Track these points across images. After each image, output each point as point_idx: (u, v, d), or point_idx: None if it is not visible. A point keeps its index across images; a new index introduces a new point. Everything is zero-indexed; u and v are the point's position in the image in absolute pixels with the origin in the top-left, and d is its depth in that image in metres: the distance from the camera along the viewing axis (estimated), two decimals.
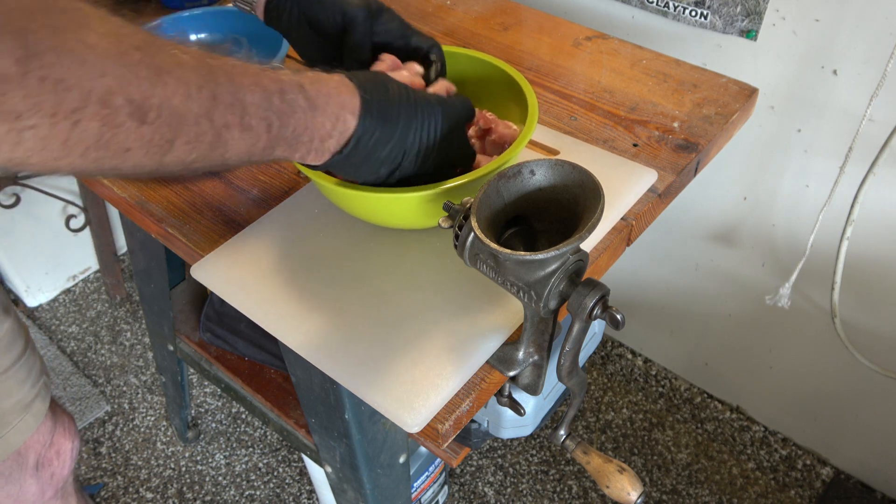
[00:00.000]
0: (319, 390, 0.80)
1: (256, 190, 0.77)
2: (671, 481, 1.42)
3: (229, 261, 0.68)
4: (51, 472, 0.93)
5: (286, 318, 0.62)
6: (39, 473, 0.92)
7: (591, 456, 0.66)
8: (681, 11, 1.03)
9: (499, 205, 0.54)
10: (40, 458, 0.91)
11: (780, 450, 1.39)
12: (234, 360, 1.11)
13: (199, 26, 0.91)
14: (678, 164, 0.77)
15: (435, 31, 0.99)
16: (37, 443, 0.90)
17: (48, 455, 0.92)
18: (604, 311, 0.50)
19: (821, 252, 1.08)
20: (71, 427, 0.96)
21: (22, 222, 1.62)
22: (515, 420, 0.78)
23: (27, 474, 0.90)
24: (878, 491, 1.32)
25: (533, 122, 0.64)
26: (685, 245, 1.29)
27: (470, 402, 0.57)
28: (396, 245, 0.68)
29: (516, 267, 0.52)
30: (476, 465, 1.45)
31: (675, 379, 1.50)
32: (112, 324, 1.72)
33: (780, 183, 1.10)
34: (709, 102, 0.84)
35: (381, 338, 0.60)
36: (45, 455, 0.92)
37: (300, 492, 1.41)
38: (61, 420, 0.95)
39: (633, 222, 0.71)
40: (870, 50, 0.90)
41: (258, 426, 1.52)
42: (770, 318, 1.25)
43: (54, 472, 0.93)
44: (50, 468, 0.93)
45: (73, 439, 0.95)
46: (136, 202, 0.76)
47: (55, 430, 0.93)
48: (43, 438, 0.91)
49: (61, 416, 0.95)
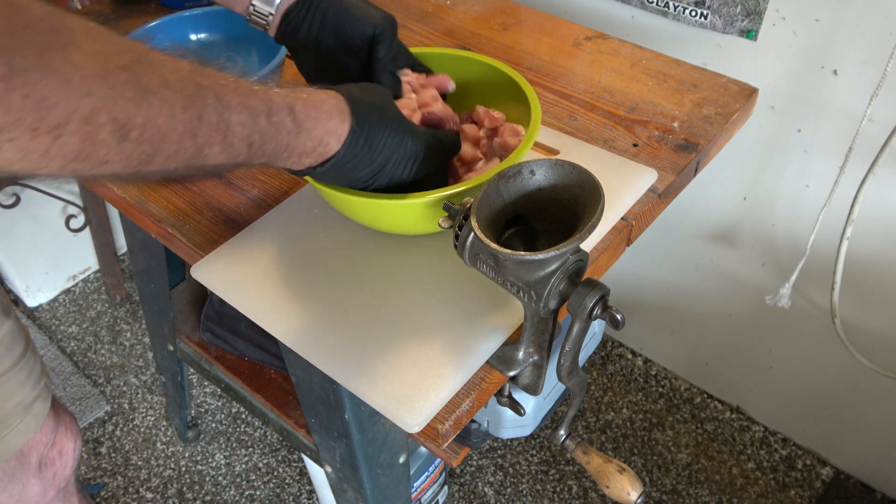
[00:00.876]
0: (319, 390, 0.80)
1: (256, 190, 0.77)
2: (671, 481, 1.42)
3: (229, 261, 0.68)
4: (53, 472, 0.93)
5: (286, 317, 0.62)
6: (42, 473, 0.92)
7: (591, 456, 0.66)
8: (681, 11, 1.03)
9: (499, 205, 0.54)
10: (43, 458, 0.91)
11: (780, 450, 1.39)
12: (234, 360, 1.11)
13: (199, 26, 0.91)
14: (678, 164, 0.77)
15: (435, 31, 0.99)
16: (39, 443, 0.90)
17: (50, 455, 0.92)
18: (604, 311, 0.50)
19: (821, 252, 1.08)
20: (73, 427, 0.96)
21: (22, 222, 1.62)
22: (515, 420, 0.78)
23: (30, 474, 0.90)
24: (878, 491, 1.32)
25: (535, 128, 0.64)
26: (685, 245, 1.29)
27: (470, 402, 0.57)
28: (396, 245, 0.68)
29: (516, 267, 0.52)
30: (476, 465, 1.45)
31: (675, 379, 1.50)
32: (112, 324, 1.72)
33: (780, 183, 1.10)
34: (709, 102, 0.84)
35: (382, 338, 0.60)
36: (48, 455, 0.92)
37: (300, 492, 1.41)
38: (63, 420, 0.95)
39: (633, 222, 0.71)
40: (870, 50, 0.91)
41: (258, 426, 1.52)
42: (770, 318, 1.25)
43: (57, 471, 0.94)
44: (52, 468, 0.93)
45: (75, 439, 0.96)
46: (136, 202, 0.76)
47: (57, 430, 0.93)
48: (45, 439, 0.91)
49: (63, 415, 0.95)
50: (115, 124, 0.38)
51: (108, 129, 0.38)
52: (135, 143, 0.39)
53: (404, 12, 1.03)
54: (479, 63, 0.72)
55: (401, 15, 1.02)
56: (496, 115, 0.68)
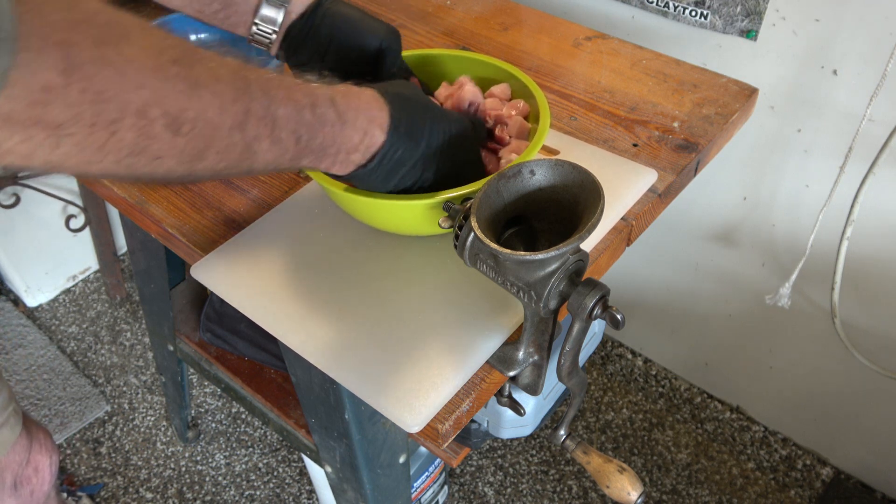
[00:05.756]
0: (319, 390, 0.80)
1: (256, 190, 0.77)
2: (671, 481, 1.42)
3: (229, 261, 0.68)
4: (30, 490, 0.92)
5: (286, 317, 0.62)
6: (18, 492, 0.90)
7: (591, 456, 0.66)
8: (681, 11, 1.03)
9: (499, 205, 0.54)
10: (17, 477, 0.90)
11: (780, 450, 1.39)
12: (234, 360, 1.11)
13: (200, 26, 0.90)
14: (678, 164, 0.77)
15: (435, 31, 0.99)
16: (13, 462, 0.88)
17: (26, 473, 0.90)
18: (604, 311, 0.50)
19: (821, 252, 1.08)
20: (47, 442, 0.94)
21: (22, 222, 1.62)
22: (515, 420, 0.78)
23: (5, 494, 0.89)
24: (878, 491, 1.32)
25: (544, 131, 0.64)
26: (685, 245, 1.29)
27: (470, 402, 0.57)
28: (396, 245, 0.68)
29: (516, 267, 0.52)
30: (476, 465, 1.45)
31: (675, 379, 1.50)
32: (112, 324, 1.72)
33: (780, 183, 1.10)
34: (709, 102, 0.84)
35: (381, 338, 0.60)
36: (23, 473, 0.90)
37: (300, 492, 1.41)
38: (37, 437, 0.93)
39: (633, 222, 0.71)
40: (870, 50, 0.91)
41: (258, 426, 1.52)
42: (770, 319, 1.25)
43: (34, 489, 0.92)
44: (29, 486, 0.91)
45: (50, 454, 0.94)
46: (135, 202, 0.76)
47: (31, 448, 0.91)
48: (19, 458, 0.89)
49: (37, 432, 0.93)
50: (168, 118, 0.38)
51: (161, 123, 0.38)
52: (187, 137, 0.40)
53: (404, 12, 1.03)
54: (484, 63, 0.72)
55: (401, 15, 1.02)
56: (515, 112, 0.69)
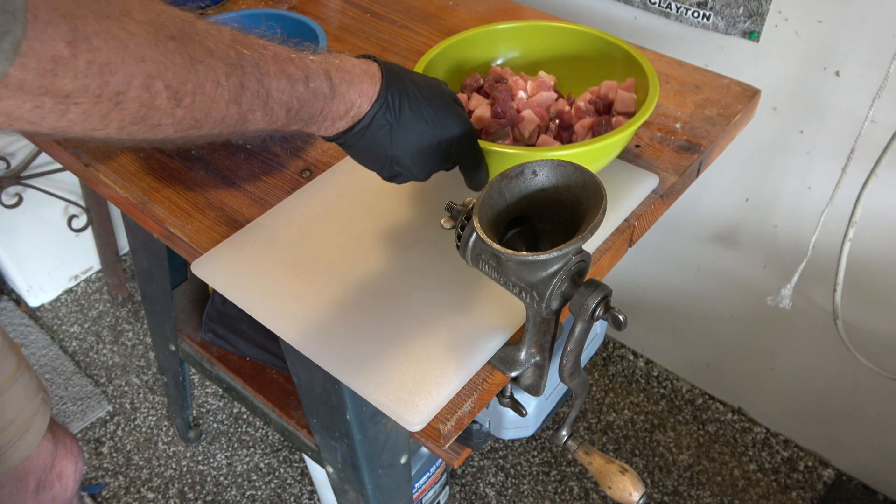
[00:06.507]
0: (321, 391, 0.80)
1: (258, 190, 0.77)
2: (673, 482, 1.42)
3: (230, 257, 0.68)
4: (52, 496, 0.90)
5: (287, 315, 0.62)
6: (40, 497, 0.89)
7: (592, 457, 0.66)
8: (683, 12, 1.03)
9: (501, 205, 0.54)
10: (41, 481, 0.89)
11: (782, 451, 1.39)
12: (236, 360, 1.11)
13: None
14: (680, 165, 0.77)
15: (437, 31, 0.99)
16: (37, 466, 0.88)
17: (49, 478, 0.90)
18: (606, 312, 0.50)
19: (823, 253, 1.08)
20: (73, 449, 0.93)
21: (24, 222, 1.62)
22: (517, 421, 0.78)
23: (27, 498, 0.88)
24: (880, 493, 1.32)
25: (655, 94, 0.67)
26: (687, 246, 1.29)
27: (472, 403, 0.57)
28: (398, 244, 0.68)
29: (518, 267, 0.52)
30: (477, 466, 1.45)
31: (677, 380, 1.49)
32: (114, 324, 1.72)
33: (782, 184, 1.10)
34: (711, 103, 0.84)
35: (383, 336, 0.60)
36: (46, 478, 0.89)
37: (301, 492, 1.41)
38: (63, 442, 0.92)
39: (635, 223, 0.71)
40: (872, 51, 0.90)
41: (259, 426, 1.52)
42: (772, 320, 1.25)
43: (56, 495, 0.91)
44: (51, 491, 0.90)
45: (76, 461, 0.93)
46: (137, 202, 0.76)
47: (56, 453, 0.90)
48: (43, 462, 0.88)
49: (63, 437, 0.93)
50: (170, 90, 0.40)
51: (164, 96, 0.40)
52: (187, 109, 0.42)
53: (407, 13, 1.03)
54: (594, 37, 0.76)
55: (403, 16, 1.02)
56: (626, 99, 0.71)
